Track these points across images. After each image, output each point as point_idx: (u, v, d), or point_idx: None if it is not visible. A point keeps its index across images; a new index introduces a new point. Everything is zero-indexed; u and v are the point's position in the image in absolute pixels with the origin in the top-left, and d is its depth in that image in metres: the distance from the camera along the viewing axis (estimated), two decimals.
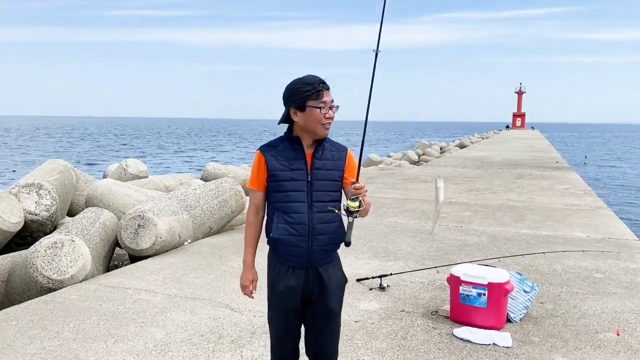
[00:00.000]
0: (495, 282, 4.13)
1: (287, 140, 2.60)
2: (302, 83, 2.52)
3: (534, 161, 21.11)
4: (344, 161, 2.60)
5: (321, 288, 2.59)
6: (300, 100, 2.50)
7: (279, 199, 2.56)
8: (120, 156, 35.45)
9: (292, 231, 2.53)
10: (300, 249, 2.53)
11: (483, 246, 6.89)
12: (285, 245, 2.55)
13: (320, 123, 2.51)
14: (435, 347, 3.86)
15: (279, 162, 2.55)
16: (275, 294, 2.62)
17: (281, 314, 2.62)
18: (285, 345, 2.66)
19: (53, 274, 5.05)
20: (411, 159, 24.68)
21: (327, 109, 2.51)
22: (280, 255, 2.59)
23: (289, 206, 2.53)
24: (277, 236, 2.55)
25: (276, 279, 2.60)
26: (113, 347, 3.79)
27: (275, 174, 2.56)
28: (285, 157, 2.56)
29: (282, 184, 2.55)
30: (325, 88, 2.51)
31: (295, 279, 2.56)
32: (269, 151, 2.59)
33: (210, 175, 12.87)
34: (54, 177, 7.77)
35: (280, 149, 2.59)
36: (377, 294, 4.97)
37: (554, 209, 9.80)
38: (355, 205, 2.45)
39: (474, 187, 12.78)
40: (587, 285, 5.28)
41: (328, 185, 2.58)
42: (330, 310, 2.63)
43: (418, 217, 8.88)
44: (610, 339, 4.03)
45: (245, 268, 2.73)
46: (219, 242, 6.99)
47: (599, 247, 6.82)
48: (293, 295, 2.57)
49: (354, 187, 2.47)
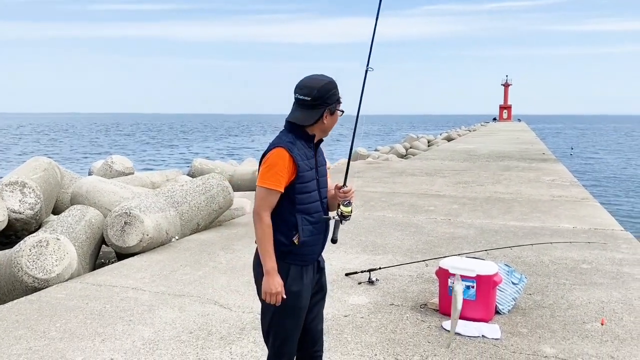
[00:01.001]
0: (484, 275, 4.15)
1: (302, 138, 2.51)
2: (331, 86, 2.50)
3: (521, 153, 21.25)
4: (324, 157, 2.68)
5: (319, 272, 2.69)
6: (334, 104, 2.52)
7: (303, 201, 2.48)
8: (106, 153, 35.15)
9: (314, 231, 2.54)
10: (319, 247, 2.60)
11: (471, 238, 6.91)
12: (310, 246, 2.53)
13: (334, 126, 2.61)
14: (425, 339, 3.87)
15: (303, 162, 2.47)
16: (292, 298, 2.50)
17: (297, 315, 2.56)
18: (295, 345, 2.62)
19: (38, 273, 4.99)
20: (399, 153, 24.71)
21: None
22: (299, 257, 2.51)
23: (312, 206, 2.52)
24: (305, 239, 2.48)
25: (293, 282, 2.50)
26: (100, 346, 3.75)
27: (303, 174, 2.47)
28: (305, 155, 2.51)
29: (306, 185, 2.50)
30: None
31: (308, 276, 2.58)
32: (293, 149, 2.45)
33: (197, 171, 12.79)
34: (38, 174, 7.66)
35: (299, 147, 2.48)
36: (366, 287, 4.97)
37: (541, 200, 9.87)
38: (349, 210, 2.50)
39: (461, 180, 12.84)
40: (574, 276, 5.32)
41: (326, 182, 2.65)
42: (325, 293, 2.75)
43: (406, 210, 8.89)
44: (597, 329, 4.06)
45: (272, 273, 2.46)
46: (207, 239, 6.95)
47: (585, 237, 6.88)
48: (307, 292, 2.59)
49: (343, 192, 2.48)
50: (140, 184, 10.37)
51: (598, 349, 3.71)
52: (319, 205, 2.55)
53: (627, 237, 7.02)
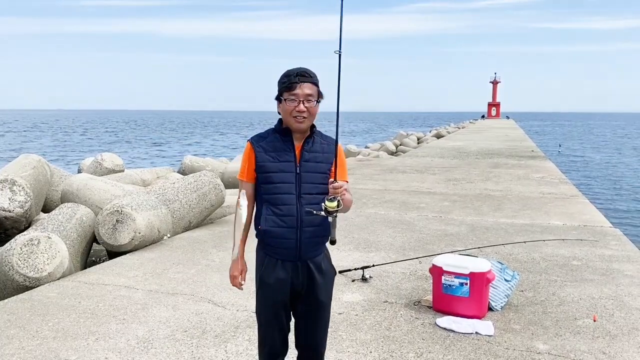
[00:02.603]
0: (477, 272, 4.17)
1: (277, 132, 2.60)
2: (283, 75, 2.55)
3: (510, 150, 21.40)
4: (333, 154, 2.58)
5: (311, 281, 2.58)
6: (278, 92, 2.55)
7: (267, 191, 2.55)
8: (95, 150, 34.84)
9: (280, 223, 2.52)
10: (290, 241, 2.52)
11: (463, 236, 6.95)
12: (274, 238, 2.53)
13: (291, 115, 2.50)
14: (419, 337, 3.89)
15: (267, 154, 2.55)
16: (264, 288, 2.60)
17: (270, 307, 2.60)
18: (274, 338, 2.64)
19: (30, 272, 4.95)
20: (389, 150, 24.78)
21: (298, 102, 2.48)
22: (269, 248, 2.57)
23: (278, 198, 2.52)
24: (266, 228, 2.54)
25: (265, 272, 2.58)
26: (94, 344, 3.73)
27: (263, 165, 2.55)
28: (274, 148, 2.56)
29: (270, 175, 2.54)
30: (302, 81, 2.49)
31: (284, 272, 2.55)
32: (259, 142, 2.59)
33: (187, 169, 12.75)
34: (27, 172, 7.59)
35: (270, 140, 2.58)
36: (359, 285, 4.98)
37: (531, 197, 9.95)
38: (333, 205, 2.41)
39: (451, 177, 12.90)
40: (565, 273, 5.38)
41: (317, 178, 2.57)
42: (320, 302, 2.64)
43: (398, 207, 8.92)
44: (589, 325, 4.10)
45: (235, 258, 2.68)
46: (199, 236, 6.93)
47: (575, 234, 6.95)
48: (282, 288, 2.55)
49: (332, 187, 2.44)
50: (131, 181, 10.32)
51: (590, 345, 3.75)
52: (292, 199, 2.51)
53: (616, 233, 7.10)
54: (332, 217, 2.46)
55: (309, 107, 2.51)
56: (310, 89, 2.51)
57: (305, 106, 2.50)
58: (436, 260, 4.41)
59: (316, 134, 2.63)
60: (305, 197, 2.53)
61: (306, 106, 2.50)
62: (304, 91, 2.49)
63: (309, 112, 2.52)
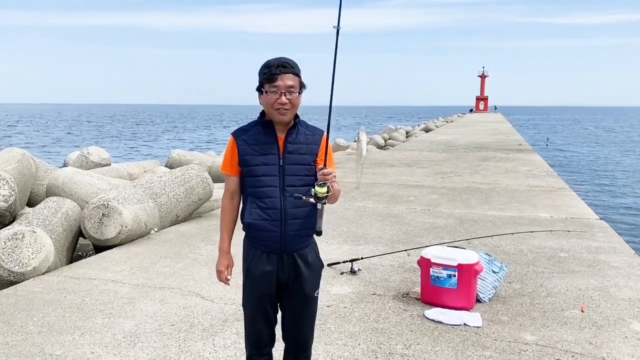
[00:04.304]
0: (465, 264, 4.18)
1: (260, 124, 2.55)
2: (263, 65, 2.47)
3: (498, 144, 21.51)
4: (318, 145, 2.54)
5: (297, 274, 2.56)
6: (259, 83, 2.48)
7: (251, 184, 2.53)
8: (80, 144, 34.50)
9: (264, 216, 2.49)
10: (274, 234, 2.50)
11: (451, 228, 6.97)
12: (258, 230, 2.51)
13: (273, 108, 2.44)
14: (407, 329, 3.89)
15: (250, 147, 2.52)
16: (250, 279, 2.58)
17: (256, 299, 2.59)
18: (261, 330, 2.63)
19: (14, 267, 4.88)
20: (378, 144, 24.79)
21: (280, 94, 2.42)
22: (255, 240, 2.55)
23: (261, 191, 2.49)
24: (250, 221, 2.52)
25: (251, 263, 2.56)
26: (80, 339, 3.69)
27: (245, 158, 2.52)
28: (256, 141, 2.52)
29: (253, 168, 2.51)
30: (283, 72, 2.42)
31: (270, 264, 2.53)
32: (241, 135, 2.55)
33: (175, 163, 12.66)
34: (11, 166, 7.47)
35: (252, 132, 2.54)
36: (348, 278, 4.98)
37: (519, 190, 10.00)
38: (323, 191, 2.40)
39: (440, 171, 12.93)
40: (552, 265, 5.41)
41: (300, 170, 2.52)
42: (307, 295, 2.61)
43: (386, 201, 8.93)
44: (576, 315, 4.13)
45: (220, 254, 2.68)
46: (187, 230, 6.88)
47: (562, 226, 6.99)
48: (268, 280, 2.53)
49: (322, 173, 2.42)
50: (117, 175, 10.22)
51: (577, 336, 3.77)
52: (276, 192, 2.48)
53: (602, 225, 7.15)
54: (321, 204, 2.44)
55: (290, 98, 2.44)
56: (292, 80, 2.44)
57: (287, 98, 2.43)
58: (424, 252, 4.41)
59: (300, 124, 2.57)
60: (289, 189, 2.49)
61: (288, 98, 2.43)
62: (286, 82, 2.42)
63: (291, 104, 2.45)
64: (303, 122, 2.60)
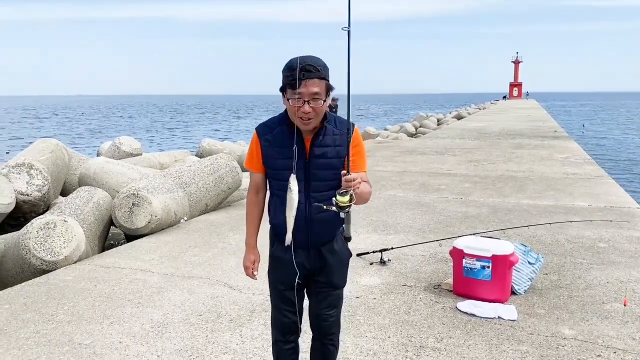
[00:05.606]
0: (500, 254, 4.03)
1: (285, 124, 2.38)
2: (286, 66, 2.26)
3: (533, 131, 20.96)
4: (345, 147, 2.33)
5: (323, 263, 2.48)
6: (282, 86, 2.28)
7: (276, 187, 2.43)
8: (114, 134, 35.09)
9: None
10: (299, 236, 2.39)
11: (484, 217, 6.78)
12: (284, 230, 2.41)
13: (297, 116, 2.26)
14: (439, 321, 3.77)
15: (273, 149, 2.36)
16: (275, 269, 2.52)
17: (281, 287, 2.52)
18: (286, 318, 2.55)
19: (46, 255, 4.93)
20: (408, 132, 24.47)
21: (303, 102, 2.21)
22: (279, 236, 2.47)
23: (285, 195, 2.34)
24: (276, 222, 2.45)
25: (276, 252, 2.50)
26: (109, 329, 3.69)
27: (269, 160, 2.39)
28: (281, 143, 2.35)
29: (277, 172, 2.38)
30: (308, 77, 2.19)
31: (295, 256, 2.44)
32: (265, 134, 2.39)
33: (205, 152, 12.71)
34: (45, 156, 7.60)
35: (277, 132, 2.37)
36: (378, 268, 4.87)
37: (555, 178, 9.69)
38: (345, 200, 2.19)
39: (472, 158, 12.66)
40: (591, 255, 5.19)
41: (327, 175, 2.35)
42: (333, 284, 2.53)
43: (417, 189, 8.76)
44: (618, 309, 3.94)
45: (247, 249, 2.62)
46: (216, 219, 6.87)
47: (601, 216, 6.73)
48: (293, 269, 2.45)
49: (345, 180, 2.21)
50: (149, 165, 10.31)
51: (619, 330, 3.59)
52: (300, 197, 2.29)
53: None
54: (344, 213, 2.25)
55: (315, 106, 2.24)
56: (317, 86, 2.22)
57: (312, 106, 2.23)
58: (457, 242, 4.27)
59: (329, 122, 2.38)
60: (315, 195, 2.35)
61: (312, 106, 2.23)
62: (310, 89, 2.20)
63: (316, 112, 2.25)
64: (332, 119, 2.40)
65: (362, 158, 2.44)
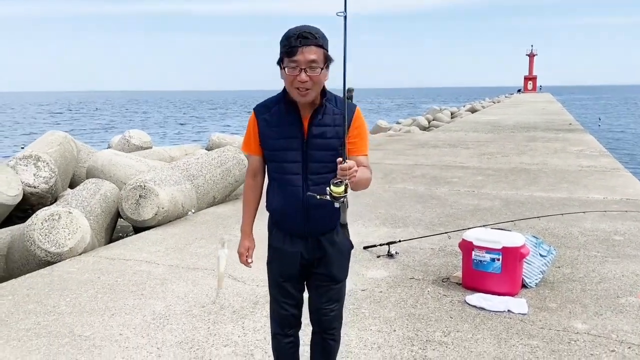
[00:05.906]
0: (510, 247, 3.91)
1: (282, 102, 2.27)
2: (283, 36, 2.15)
3: (547, 124, 20.67)
4: (343, 127, 2.17)
5: (322, 254, 2.37)
6: (279, 57, 2.16)
7: (273, 169, 2.33)
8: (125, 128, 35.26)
9: (286, 204, 2.30)
10: (298, 222, 2.30)
11: (496, 210, 6.65)
12: (281, 216, 2.35)
13: (293, 86, 2.14)
14: (447, 315, 3.67)
15: (271, 129, 2.26)
16: (274, 258, 2.44)
17: (279, 279, 2.44)
18: (284, 310, 2.46)
19: (51, 247, 4.90)
20: (421, 125, 24.23)
21: (300, 70, 2.10)
22: (278, 223, 2.40)
23: (284, 178, 2.28)
24: (274, 207, 2.36)
25: (274, 242, 2.41)
26: (109, 320, 3.64)
27: (267, 141, 2.29)
28: (278, 122, 2.25)
29: (274, 153, 2.28)
30: (304, 44, 2.08)
31: (294, 245, 2.36)
32: (263, 113, 2.29)
33: (215, 145, 12.66)
34: (53, 148, 7.59)
35: (274, 111, 2.27)
36: (385, 261, 4.77)
37: (569, 170, 9.51)
38: (339, 190, 2.06)
39: (486, 151, 12.48)
40: (605, 248, 5.05)
41: (326, 156, 2.22)
42: (333, 277, 2.42)
43: (428, 182, 8.63)
44: (633, 303, 3.81)
45: (242, 235, 2.53)
46: (223, 212, 6.81)
47: (616, 208, 6.56)
48: (292, 260, 2.37)
49: (340, 168, 2.06)
50: (159, 158, 10.28)
51: (634, 325, 3.46)
52: (298, 180, 2.23)
53: None
54: (339, 203, 2.11)
55: (312, 75, 2.11)
56: (315, 54, 2.10)
57: (308, 75, 2.11)
58: (466, 234, 4.16)
59: (328, 100, 2.25)
60: (313, 178, 2.24)
61: (309, 75, 2.11)
62: (307, 57, 2.09)
63: (313, 82, 2.13)
64: (332, 98, 2.27)
65: (363, 140, 2.31)
